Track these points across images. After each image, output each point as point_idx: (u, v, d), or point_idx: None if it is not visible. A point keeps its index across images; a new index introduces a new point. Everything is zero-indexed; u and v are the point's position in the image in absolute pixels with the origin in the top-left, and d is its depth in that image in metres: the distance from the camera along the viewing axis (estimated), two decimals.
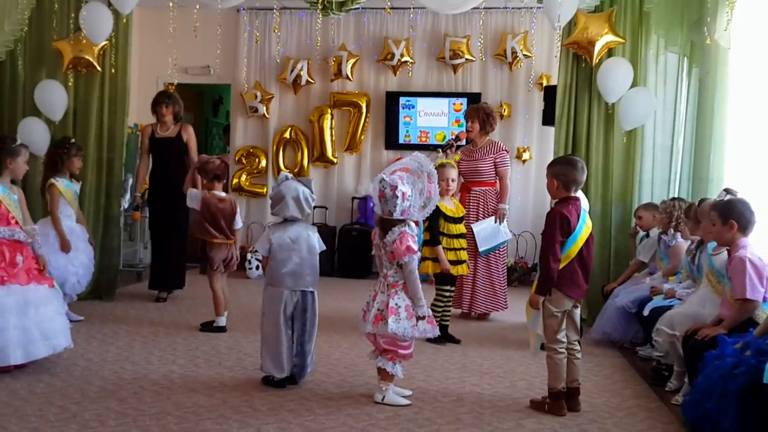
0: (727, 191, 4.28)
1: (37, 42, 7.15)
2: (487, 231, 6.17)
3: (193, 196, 5.58)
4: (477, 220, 6.20)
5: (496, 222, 6.23)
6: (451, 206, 5.42)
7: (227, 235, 5.62)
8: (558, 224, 3.79)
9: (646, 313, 4.85)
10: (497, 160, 6.28)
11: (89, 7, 6.63)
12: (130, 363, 4.57)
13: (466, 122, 6.35)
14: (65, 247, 5.67)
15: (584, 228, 3.85)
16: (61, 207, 5.73)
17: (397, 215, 3.82)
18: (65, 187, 5.79)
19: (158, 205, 6.72)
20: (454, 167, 5.48)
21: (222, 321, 5.56)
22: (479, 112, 6.31)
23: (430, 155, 6.13)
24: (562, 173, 3.90)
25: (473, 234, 6.10)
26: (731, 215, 3.94)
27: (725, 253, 4.09)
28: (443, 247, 5.31)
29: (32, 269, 4.38)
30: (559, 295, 3.83)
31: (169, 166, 6.62)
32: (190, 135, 6.80)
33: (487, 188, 6.30)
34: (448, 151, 6.29)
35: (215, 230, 5.54)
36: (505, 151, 6.40)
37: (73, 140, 6.15)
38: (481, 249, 6.14)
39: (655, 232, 5.78)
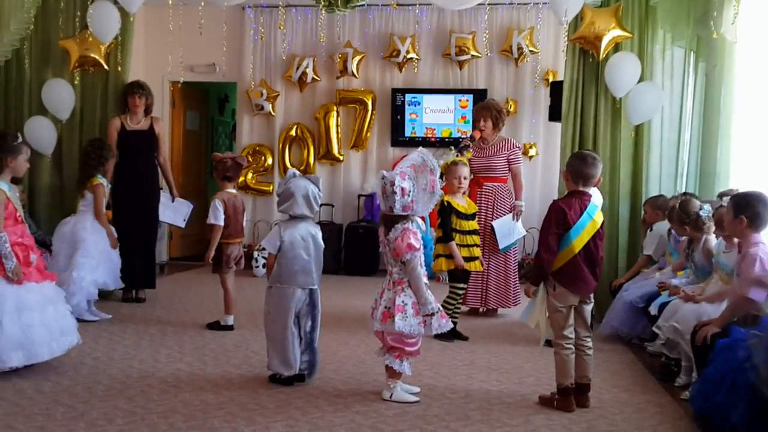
0: (721, 196, 4.30)
1: (44, 41, 7.17)
2: (505, 227, 6.17)
3: (217, 209, 5.40)
4: (488, 216, 6.18)
5: (514, 219, 6.25)
6: (463, 203, 5.40)
7: (242, 232, 5.69)
8: (553, 216, 3.78)
9: (653, 311, 4.82)
10: (510, 157, 6.26)
11: (96, 5, 6.65)
12: (138, 361, 4.57)
13: (479, 121, 6.28)
14: (115, 244, 5.80)
15: (590, 223, 3.80)
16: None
17: (397, 210, 3.81)
18: (106, 186, 5.84)
19: (128, 201, 6.32)
20: (466, 165, 5.46)
21: (230, 320, 5.56)
22: (491, 110, 6.26)
23: (436, 152, 6.17)
24: (571, 164, 3.93)
25: (493, 231, 6.11)
26: (743, 210, 3.88)
27: (735, 251, 4.06)
28: (456, 244, 5.30)
29: (42, 267, 4.40)
30: (562, 290, 3.80)
31: (141, 159, 6.39)
32: (161, 128, 6.70)
33: (498, 184, 6.27)
34: (459, 152, 6.25)
35: (233, 230, 5.54)
36: (518, 147, 6.39)
37: (107, 143, 6.12)
38: (501, 246, 6.15)
39: (659, 226, 5.77)
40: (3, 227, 4.16)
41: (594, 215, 3.84)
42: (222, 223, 5.41)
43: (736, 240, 4.11)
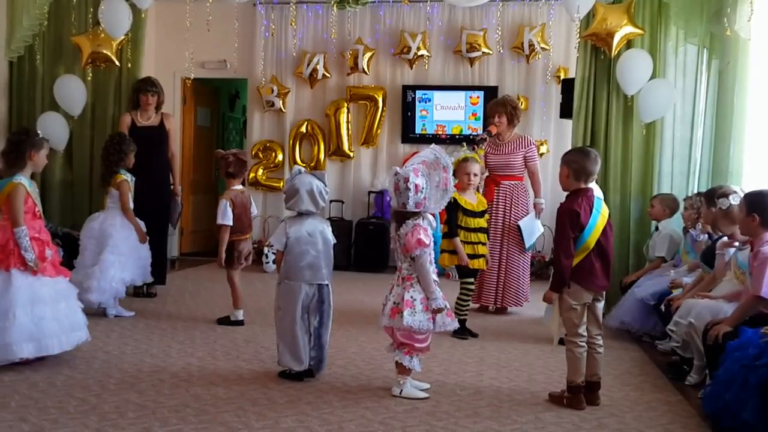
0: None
1: (56, 37, 7.21)
2: (529, 226, 6.14)
3: (226, 210, 5.40)
4: (506, 215, 6.16)
5: (537, 217, 6.22)
6: (472, 200, 5.38)
7: (251, 227, 5.72)
8: (568, 220, 3.73)
9: (663, 308, 4.81)
10: (528, 155, 6.20)
11: (108, 2, 6.67)
12: (149, 356, 4.59)
13: (493, 117, 6.22)
14: (144, 238, 5.81)
15: (599, 218, 3.77)
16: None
17: (410, 207, 3.81)
18: (130, 181, 5.85)
19: (138, 197, 5.99)
20: (477, 161, 5.44)
21: (240, 314, 5.58)
22: (506, 106, 6.22)
23: (447, 149, 6.15)
24: (573, 161, 3.83)
25: (520, 231, 6.09)
26: (755, 208, 3.88)
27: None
28: (461, 241, 5.30)
29: (56, 262, 4.43)
30: (577, 288, 3.78)
31: (151, 156, 6.34)
32: (172, 124, 6.71)
33: (516, 182, 6.24)
34: (476, 145, 6.23)
35: (243, 226, 5.56)
36: (534, 144, 6.33)
37: (127, 136, 6.10)
38: (527, 244, 6.12)
39: (665, 225, 5.77)
40: (23, 221, 4.21)
41: (601, 209, 3.81)
42: (230, 223, 5.43)
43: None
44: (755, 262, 3.84)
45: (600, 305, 3.89)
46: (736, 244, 4.41)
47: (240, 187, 5.64)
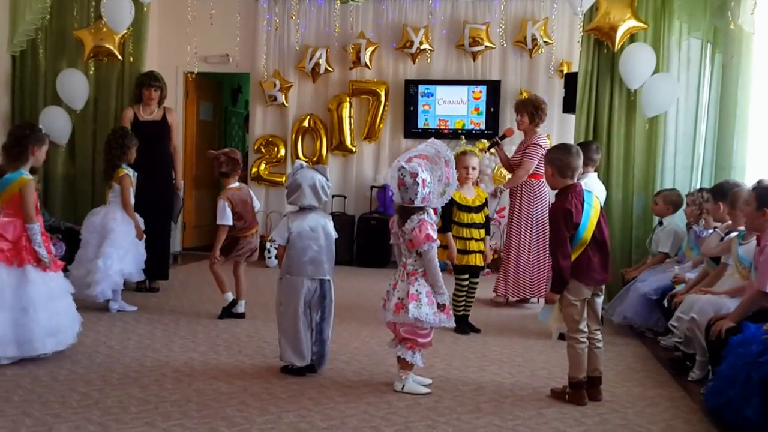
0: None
1: (58, 31, 7.21)
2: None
3: (224, 210, 5.44)
4: (513, 211, 6.22)
5: (493, 196, 6.23)
6: (469, 195, 5.36)
7: (256, 221, 5.74)
8: (562, 221, 3.70)
9: (666, 304, 4.81)
10: (527, 152, 6.17)
11: None
12: (152, 350, 4.59)
13: (516, 116, 6.28)
14: (141, 235, 5.80)
15: (592, 212, 3.75)
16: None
17: (417, 202, 3.80)
18: (132, 176, 5.84)
19: (141, 191, 5.96)
20: (476, 155, 5.45)
21: (241, 306, 5.62)
22: (527, 106, 6.23)
23: (449, 143, 6.16)
24: (556, 158, 3.81)
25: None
26: (766, 202, 3.86)
27: (753, 242, 4.02)
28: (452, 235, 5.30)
29: (53, 259, 4.44)
30: (576, 284, 3.76)
31: (154, 150, 6.32)
32: (174, 118, 6.70)
33: (525, 180, 6.21)
34: (495, 147, 6.29)
35: (246, 222, 5.58)
36: (538, 145, 6.16)
37: (129, 130, 6.08)
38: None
39: (669, 221, 5.76)
40: (36, 217, 4.22)
41: (592, 203, 3.78)
42: (230, 223, 5.46)
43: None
44: (761, 257, 3.82)
45: (599, 300, 3.89)
46: (735, 233, 4.41)
47: (236, 184, 5.64)
